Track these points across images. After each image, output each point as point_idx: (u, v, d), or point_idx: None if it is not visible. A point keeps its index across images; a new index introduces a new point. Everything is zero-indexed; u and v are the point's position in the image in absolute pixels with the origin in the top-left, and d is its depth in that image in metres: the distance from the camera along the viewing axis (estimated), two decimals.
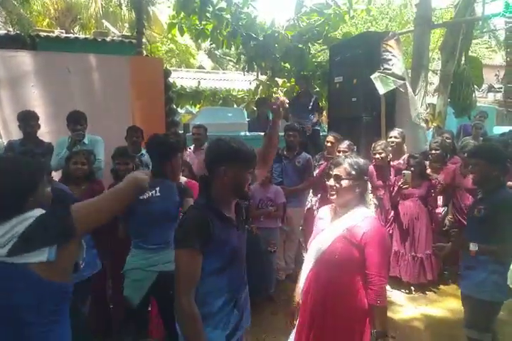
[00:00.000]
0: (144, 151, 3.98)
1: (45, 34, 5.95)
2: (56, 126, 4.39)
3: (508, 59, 6.49)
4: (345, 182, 1.94)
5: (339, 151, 4.12)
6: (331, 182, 1.98)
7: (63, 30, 7.47)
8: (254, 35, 6.81)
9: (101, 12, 11.57)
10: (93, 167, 3.49)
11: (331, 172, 2.02)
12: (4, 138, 4.26)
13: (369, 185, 2.09)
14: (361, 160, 2.02)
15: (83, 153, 3.04)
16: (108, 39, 6.05)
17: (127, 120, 4.42)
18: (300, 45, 6.83)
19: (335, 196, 1.98)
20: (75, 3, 11.52)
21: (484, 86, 11.24)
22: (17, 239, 1.25)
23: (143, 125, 4.36)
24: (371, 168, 4.06)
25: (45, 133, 4.28)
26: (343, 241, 1.92)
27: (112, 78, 4.68)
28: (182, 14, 6.91)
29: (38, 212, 1.35)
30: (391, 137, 4.23)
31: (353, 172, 1.94)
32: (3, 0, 6.15)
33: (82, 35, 8.08)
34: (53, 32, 6.26)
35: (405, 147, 4.16)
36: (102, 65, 4.72)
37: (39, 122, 3.91)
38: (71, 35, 6.72)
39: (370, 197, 2.33)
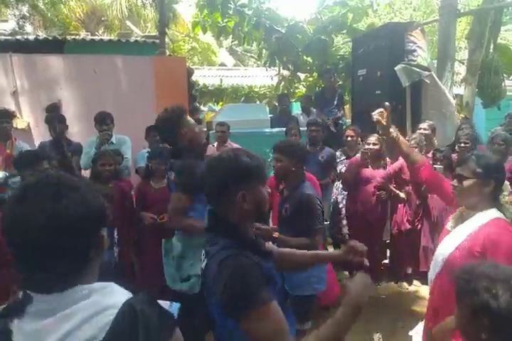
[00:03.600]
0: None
1: (72, 37, 6.13)
2: (85, 127, 4.53)
3: None
4: (468, 182, 1.77)
5: (368, 144, 4.05)
6: (454, 182, 1.83)
7: (89, 33, 7.66)
8: (276, 27, 6.80)
9: (125, 13, 11.79)
10: (121, 166, 3.61)
11: (456, 171, 1.85)
12: (36, 140, 4.43)
13: (508, 186, 1.91)
14: (491, 157, 1.85)
15: (110, 154, 3.14)
16: (131, 40, 6.17)
17: (152, 119, 4.48)
18: (323, 37, 6.76)
19: (457, 197, 1.83)
20: (100, 5, 11.79)
21: None
22: None
23: None
24: (401, 162, 3.98)
25: (75, 133, 4.44)
26: (463, 251, 1.73)
27: (137, 78, 4.78)
28: (205, 12, 6.99)
29: (112, 292, 0.83)
30: (420, 129, 4.13)
31: (479, 170, 1.75)
32: (34, 4, 6.36)
33: (106, 37, 8.26)
34: (79, 35, 6.44)
35: (435, 140, 4.05)
36: (127, 66, 4.83)
37: (67, 123, 4.04)
38: (96, 37, 6.89)
39: (508, 199, 2.13)
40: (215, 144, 4.60)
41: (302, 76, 7.80)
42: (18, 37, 6.06)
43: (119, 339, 0.75)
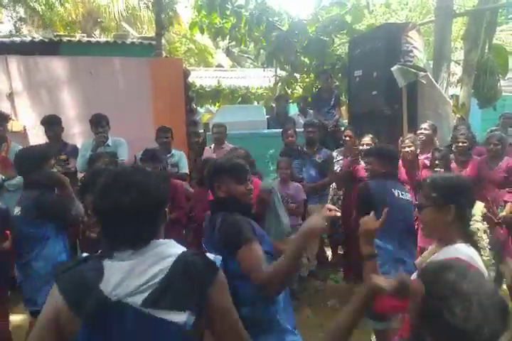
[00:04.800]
0: (174, 151, 4.06)
1: (67, 39, 6.12)
2: (81, 129, 4.53)
3: None
4: (425, 211, 1.50)
5: (362, 144, 4.08)
6: (417, 212, 1.64)
7: (85, 34, 7.65)
8: (278, 25, 6.81)
9: (121, 15, 11.78)
10: None
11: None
12: (32, 142, 4.42)
13: (481, 208, 1.65)
14: (451, 178, 1.54)
15: (106, 156, 3.12)
16: (128, 41, 6.16)
17: (149, 121, 4.52)
18: (323, 37, 6.77)
19: (423, 230, 1.61)
20: (96, 6, 11.76)
21: (510, 74, 10.84)
22: (157, 287, 1.04)
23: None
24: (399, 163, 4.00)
25: (71, 135, 4.43)
26: None
27: (133, 80, 4.78)
28: (202, 13, 7.00)
29: (173, 246, 1.16)
30: (421, 129, 4.14)
31: (434, 195, 1.46)
32: (32, 6, 6.35)
33: (103, 39, 8.25)
34: (75, 36, 6.42)
35: (437, 140, 4.06)
36: (123, 68, 4.82)
37: (63, 125, 4.03)
38: (92, 39, 6.87)
39: (480, 226, 1.88)
40: (212, 146, 4.59)
41: (299, 77, 7.82)
42: (14, 39, 6.04)
43: (174, 278, 1.06)
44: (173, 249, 1.14)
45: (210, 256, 1.17)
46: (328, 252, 4.79)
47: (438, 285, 0.96)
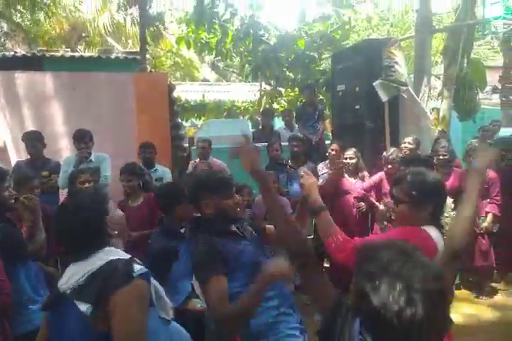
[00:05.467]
0: (157, 166, 4.04)
1: (50, 54, 6.09)
2: (64, 145, 4.47)
3: (507, 60, 6.47)
4: (402, 206, 1.59)
5: (345, 158, 4.12)
6: (391, 203, 1.70)
7: (69, 49, 7.63)
8: (265, 39, 6.91)
9: (106, 29, 11.81)
10: (100, 184, 3.54)
11: (393, 192, 1.69)
12: (13, 158, 4.34)
13: (449, 204, 1.81)
14: (428, 176, 1.62)
15: (88, 172, 3.07)
16: (112, 56, 6.16)
17: (133, 136, 4.49)
18: (309, 53, 6.88)
19: (395, 221, 1.73)
20: (80, 21, 11.77)
21: (488, 88, 11.16)
22: (80, 284, 1.38)
23: (149, 140, 4.41)
24: (381, 175, 4.05)
25: (53, 151, 4.36)
26: None
27: (117, 95, 4.76)
28: (191, 27, 7.08)
29: (112, 254, 1.45)
30: (405, 143, 4.21)
31: (414, 193, 1.56)
32: (17, 22, 6.33)
33: (87, 54, 8.24)
34: (58, 51, 6.40)
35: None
36: (107, 82, 4.81)
37: (45, 141, 3.98)
38: (76, 54, 6.86)
39: (448, 221, 2.02)
40: (197, 160, 4.58)
41: (283, 91, 7.91)
42: None
43: (93, 278, 1.37)
44: (109, 256, 1.42)
45: (137, 266, 1.40)
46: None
47: (370, 262, 0.90)
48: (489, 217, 3.99)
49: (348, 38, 7.47)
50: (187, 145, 5.14)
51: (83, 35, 11.84)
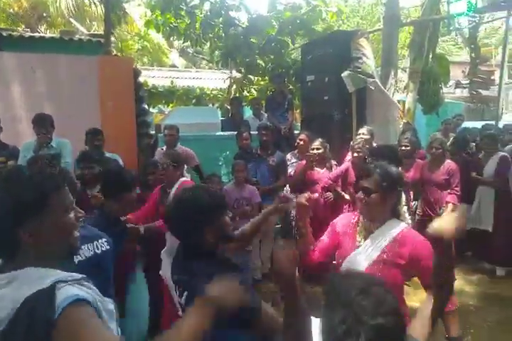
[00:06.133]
0: (107, 154, 3.88)
1: (8, 33, 5.74)
2: (23, 129, 4.26)
3: (473, 55, 6.70)
4: (374, 196, 1.73)
5: (312, 149, 4.16)
6: (360, 194, 1.78)
7: (28, 29, 7.22)
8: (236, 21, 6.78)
9: (70, 10, 11.25)
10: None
11: (360, 183, 1.81)
12: None
13: (403, 196, 1.96)
14: (393, 169, 1.81)
15: (46, 158, 2.94)
16: (75, 38, 5.89)
17: (96, 121, 4.33)
18: (281, 38, 6.83)
19: (364, 210, 1.80)
20: (41, 0, 11.15)
21: (452, 82, 11.56)
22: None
23: (112, 126, 4.28)
24: (347, 165, 4.11)
25: (12, 136, 4.15)
26: (383, 264, 1.70)
27: (80, 78, 4.56)
28: (157, 12, 6.86)
29: (30, 282, 1.02)
30: (359, 134, 4.29)
31: (385, 184, 1.72)
32: None
33: (48, 34, 7.83)
34: (17, 30, 6.05)
35: (374, 144, 4.22)
36: (69, 65, 4.59)
37: (2, 125, 3.77)
38: (36, 34, 6.51)
39: (404, 209, 2.20)
40: (164, 148, 4.49)
41: (254, 79, 7.85)
42: None
43: (12, 327, 0.97)
44: (26, 288, 1.01)
45: (60, 296, 1.00)
46: None
47: (331, 289, 0.92)
48: (449, 206, 4.15)
49: (318, 22, 7.44)
50: (153, 132, 5.02)
51: (44, 15, 11.23)
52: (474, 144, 5.26)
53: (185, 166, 3.11)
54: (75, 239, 1.16)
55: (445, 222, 1.27)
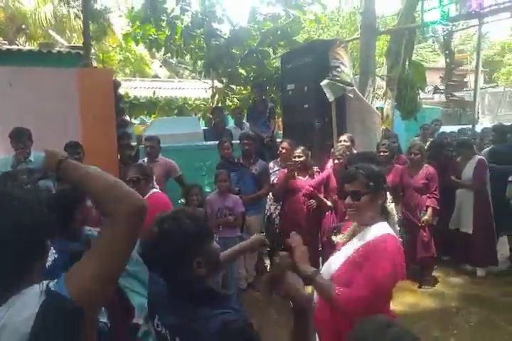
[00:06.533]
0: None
1: None
2: (1, 145, 4.19)
3: (448, 60, 6.89)
4: (365, 198, 1.69)
5: (294, 157, 4.20)
6: (348, 200, 1.72)
7: (6, 42, 7.16)
8: (218, 32, 6.84)
9: (49, 21, 11.18)
10: (40, 185, 3.36)
11: (345, 188, 1.74)
12: None
13: (388, 194, 1.85)
14: (374, 167, 1.79)
15: (24, 173, 2.89)
16: (54, 50, 5.86)
17: (76, 134, 4.29)
18: (263, 48, 6.90)
19: (355, 215, 1.73)
20: (19, 12, 11.07)
21: (430, 88, 11.83)
22: None
23: (93, 138, 4.24)
24: (329, 171, 4.16)
25: None
26: (351, 266, 1.66)
27: (58, 91, 4.53)
28: (136, 24, 6.88)
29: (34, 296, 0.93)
30: (340, 141, 4.36)
31: (372, 184, 1.69)
32: None
33: (26, 47, 7.77)
34: None
35: (354, 151, 4.29)
36: (47, 78, 4.56)
37: None
38: (14, 47, 6.45)
39: (392, 206, 2.17)
40: (146, 159, 4.47)
41: (236, 88, 7.91)
42: None
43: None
44: (25, 308, 0.92)
45: (53, 284, 0.96)
46: (267, 262, 4.82)
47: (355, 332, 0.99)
48: (429, 210, 4.23)
49: (299, 33, 7.58)
50: (135, 143, 5.00)
51: (23, 27, 11.14)
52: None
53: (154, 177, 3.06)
54: None
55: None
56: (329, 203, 4.11)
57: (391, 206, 2.01)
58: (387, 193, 1.86)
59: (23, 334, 0.88)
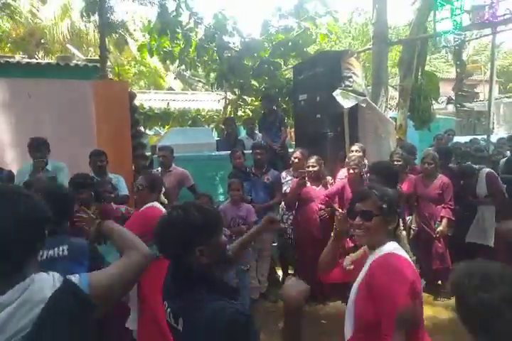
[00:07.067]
0: (110, 175, 3.94)
1: (5, 60, 5.86)
2: (19, 154, 4.30)
3: (458, 70, 6.85)
4: (375, 220, 1.61)
5: (308, 166, 4.19)
6: (358, 220, 1.64)
7: (26, 55, 7.38)
8: (230, 45, 6.95)
9: (66, 37, 11.52)
10: None
11: (356, 208, 1.67)
12: None
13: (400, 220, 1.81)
14: (389, 190, 1.71)
15: (42, 182, 2.97)
16: (72, 63, 6.01)
17: (92, 144, 4.38)
18: (274, 60, 6.98)
19: (363, 237, 1.65)
20: (38, 27, 11.44)
21: (444, 98, 11.76)
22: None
23: (108, 148, 4.32)
24: (344, 181, 4.13)
25: (7, 161, 4.19)
26: (359, 294, 1.59)
27: (75, 103, 4.66)
28: (154, 35, 7.04)
29: (44, 286, 1.07)
30: (352, 151, 4.34)
31: (384, 206, 1.61)
32: None
33: (44, 60, 7.99)
34: (14, 57, 6.18)
35: (366, 160, 4.26)
36: (64, 90, 4.70)
37: None
38: (33, 61, 6.64)
39: (404, 235, 2.14)
40: (159, 169, 4.52)
41: (248, 99, 7.99)
42: None
43: (44, 329, 1.00)
44: (42, 290, 1.06)
45: (75, 279, 1.14)
46: (279, 272, 4.78)
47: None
48: (444, 221, 4.16)
49: (311, 44, 7.63)
50: (149, 153, 5.06)
51: (42, 41, 11.49)
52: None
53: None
54: None
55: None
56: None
57: (403, 234, 1.93)
58: (400, 220, 1.82)
59: (35, 314, 1.01)
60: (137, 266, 1.31)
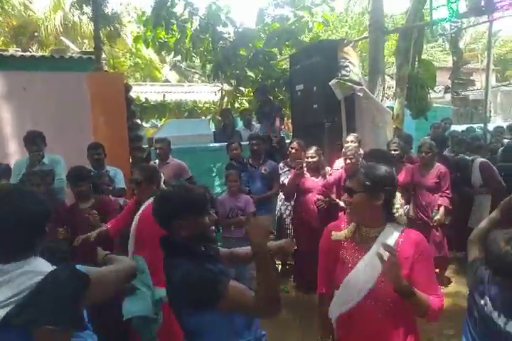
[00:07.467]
0: (108, 168, 3.93)
1: None
2: (15, 148, 4.29)
3: (455, 58, 6.82)
4: (357, 196, 1.66)
5: (307, 157, 4.19)
6: (345, 197, 1.72)
7: (19, 49, 7.31)
8: (224, 35, 6.89)
9: (60, 29, 11.38)
10: (54, 187, 3.44)
11: (345, 185, 1.75)
12: None
13: (398, 198, 1.86)
14: (380, 168, 1.70)
15: (38, 174, 2.96)
16: (66, 56, 5.95)
17: (88, 137, 4.36)
18: (269, 49, 6.94)
19: (350, 213, 1.76)
20: (31, 19, 11.29)
21: (441, 87, 11.73)
22: (19, 303, 1.13)
23: (105, 141, 4.31)
24: (341, 172, 4.13)
25: (3, 154, 4.18)
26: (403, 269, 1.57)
27: (71, 95, 4.63)
28: (149, 27, 6.98)
29: (44, 265, 1.25)
30: (347, 142, 4.34)
31: (368, 183, 1.64)
32: None
33: (38, 53, 7.92)
34: (7, 50, 6.12)
35: (361, 150, 4.26)
36: (59, 82, 4.66)
37: None
38: (27, 53, 6.58)
39: (401, 212, 2.18)
40: (157, 161, 4.52)
41: (244, 90, 7.94)
42: None
43: (37, 296, 1.14)
44: (43, 267, 1.22)
45: (81, 268, 1.28)
46: (278, 262, 4.82)
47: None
48: (441, 209, 4.18)
49: (305, 31, 7.55)
50: (146, 146, 5.05)
51: (35, 34, 11.36)
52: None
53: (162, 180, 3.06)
54: None
55: None
56: (342, 204, 4.09)
57: (404, 219, 1.93)
58: (397, 198, 1.80)
59: (33, 282, 1.15)
60: (129, 268, 1.50)
